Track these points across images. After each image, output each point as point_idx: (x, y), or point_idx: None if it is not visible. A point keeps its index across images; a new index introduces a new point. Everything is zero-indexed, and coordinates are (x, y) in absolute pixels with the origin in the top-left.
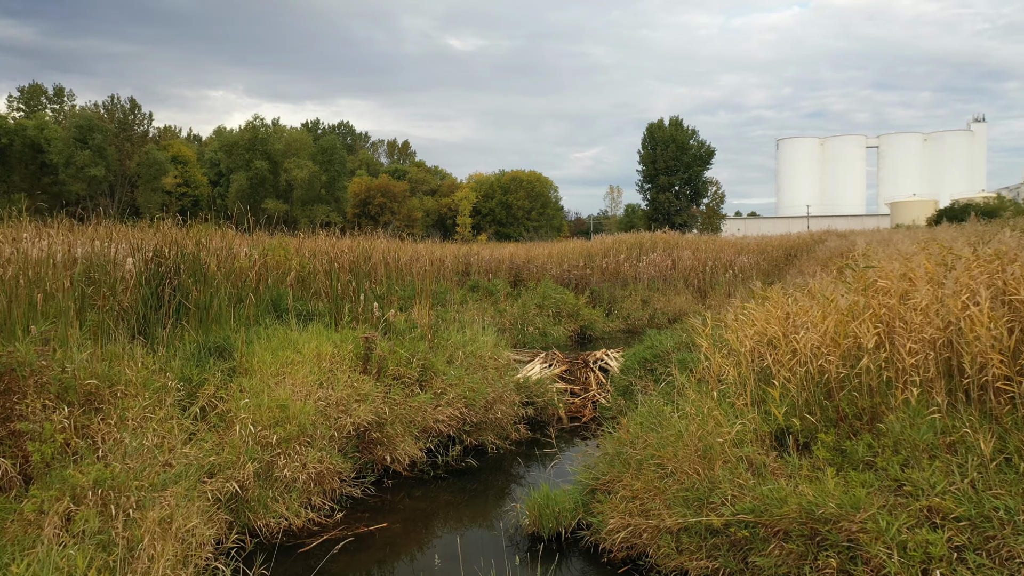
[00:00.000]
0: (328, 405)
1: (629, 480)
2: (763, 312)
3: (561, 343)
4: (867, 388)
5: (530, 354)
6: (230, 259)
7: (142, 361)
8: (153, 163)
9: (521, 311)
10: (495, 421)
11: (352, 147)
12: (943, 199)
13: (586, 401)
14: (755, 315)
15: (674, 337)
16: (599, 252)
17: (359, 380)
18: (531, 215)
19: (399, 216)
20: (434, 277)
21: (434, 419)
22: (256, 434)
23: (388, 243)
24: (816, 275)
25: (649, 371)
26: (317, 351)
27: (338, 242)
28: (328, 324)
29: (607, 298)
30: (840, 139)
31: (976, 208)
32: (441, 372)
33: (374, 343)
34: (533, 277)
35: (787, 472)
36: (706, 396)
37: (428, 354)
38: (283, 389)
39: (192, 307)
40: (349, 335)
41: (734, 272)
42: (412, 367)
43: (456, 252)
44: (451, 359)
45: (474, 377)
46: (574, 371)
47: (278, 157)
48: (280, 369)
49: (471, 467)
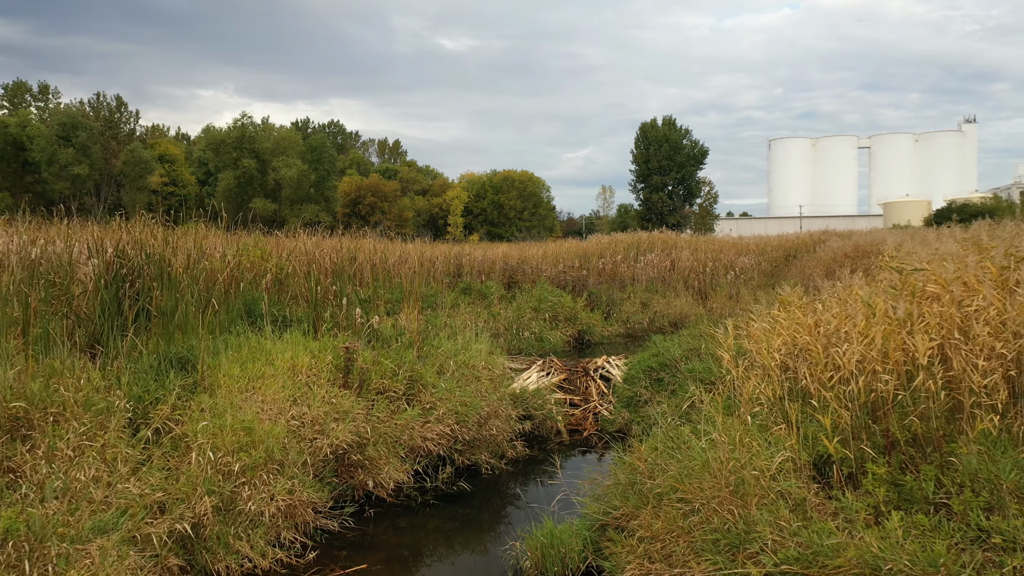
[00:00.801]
0: (302, 425)
1: (647, 518)
2: (789, 320)
3: (558, 348)
4: (924, 411)
5: (526, 361)
6: (201, 260)
7: (87, 377)
8: (139, 162)
9: (516, 315)
10: (490, 438)
11: (342, 146)
12: (936, 200)
13: (587, 413)
14: (781, 323)
15: (682, 344)
16: (595, 252)
17: (338, 395)
18: (523, 215)
19: (390, 216)
20: (424, 279)
21: (422, 437)
22: (216, 461)
23: (375, 243)
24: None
25: (655, 381)
26: (292, 363)
27: (321, 242)
28: (307, 332)
29: (605, 301)
30: (832, 139)
31: (973, 208)
32: (430, 384)
33: (356, 353)
34: (528, 279)
35: (836, 511)
36: (735, 418)
37: (416, 365)
38: (251, 407)
39: (155, 313)
40: (329, 344)
41: (735, 273)
42: (398, 380)
43: (447, 252)
44: (441, 369)
45: (466, 390)
46: (573, 380)
47: (266, 156)
48: (248, 384)
49: (463, 491)
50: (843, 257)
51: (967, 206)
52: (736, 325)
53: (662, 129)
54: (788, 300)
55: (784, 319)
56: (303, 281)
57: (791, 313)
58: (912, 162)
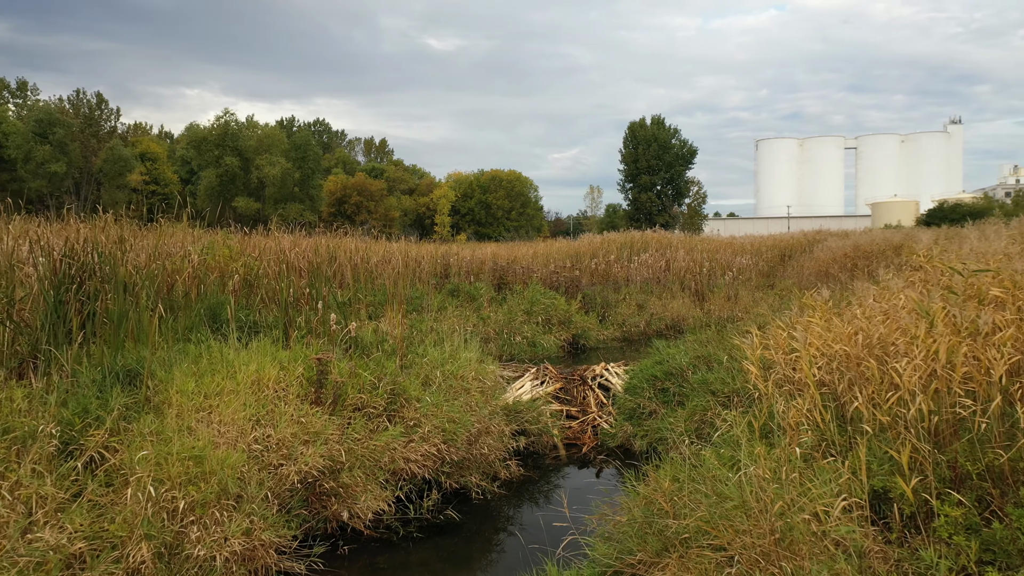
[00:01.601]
0: (266, 450)
1: (674, 568)
2: (824, 328)
3: (552, 354)
4: (1003, 437)
5: (519, 369)
6: (161, 260)
7: (7, 396)
8: (118, 159)
9: (507, 318)
10: (481, 458)
11: (328, 145)
12: (923, 200)
13: (585, 426)
14: (815, 332)
15: (688, 351)
16: (587, 252)
17: (309, 414)
18: (511, 215)
19: (376, 215)
20: (409, 280)
21: (405, 459)
22: (159, 497)
23: (357, 242)
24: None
25: (660, 391)
26: (257, 376)
27: (299, 240)
28: (277, 339)
29: (600, 303)
30: (819, 140)
31: (966, 208)
32: (414, 399)
33: (329, 365)
34: (519, 280)
35: (900, 563)
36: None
37: (399, 376)
38: (205, 430)
39: (106, 320)
40: (300, 353)
41: (734, 274)
42: (378, 394)
43: (434, 252)
44: (427, 381)
45: (455, 404)
46: (570, 389)
47: (249, 154)
48: (204, 402)
49: (452, 521)
50: (843, 257)
51: (960, 206)
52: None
53: (651, 128)
54: (814, 305)
55: (819, 327)
56: (275, 283)
57: (827, 321)
58: (898, 163)
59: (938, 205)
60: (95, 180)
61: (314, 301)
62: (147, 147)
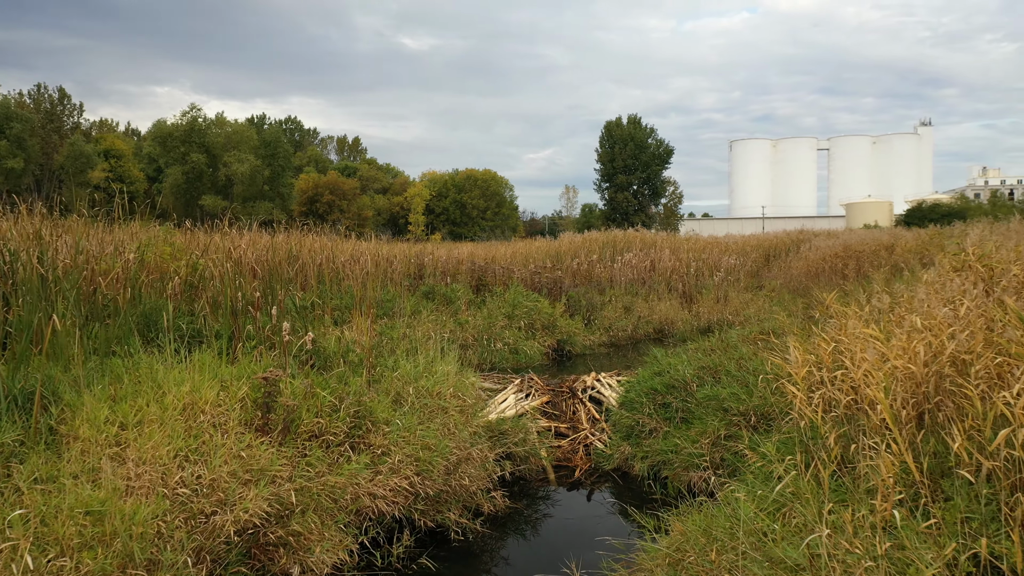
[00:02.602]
0: (195, 494)
1: None
2: (882, 339)
3: (536, 362)
4: None
5: (501, 380)
6: (87, 259)
7: None
8: (79, 156)
9: (487, 323)
10: (461, 490)
11: (300, 144)
12: (896, 201)
13: (576, 444)
14: (877, 347)
15: (692, 361)
16: (568, 252)
17: (253, 445)
18: (486, 215)
19: (348, 214)
20: (380, 281)
21: (371, 495)
22: (42, 569)
23: (322, 240)
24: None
25: (661, 406)
26: (190, 398)
27: (256, 238)
28: (223, 351)
29: (584, 305)
30: (792, 141)
31: (944, 208)
32: (383, 422)
33: (279, 384)
34: (499, 281)
35: None
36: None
37: (365, 394)
38: (117, 472)
39: (10, 330)
40: (247, 370)
41: (722, 275)
42: (340, 418)
43: (407, 252)
44: (398, 399)
45: (430, 427)
46: (558, 403)
47: (217, 151)
48: (119, 435)
49: (427, 569)
50: (833, 257)
51: (939, 206)
52: (761, 338)
53: (627, 128)
54: (844, 311)
55: (878, 340)
56: (222, 285)
57: (887, 332)
58: (869, 164)
59: (916, 205)
60: (57, 178)
61: (268, 306)
62: (112, 144)
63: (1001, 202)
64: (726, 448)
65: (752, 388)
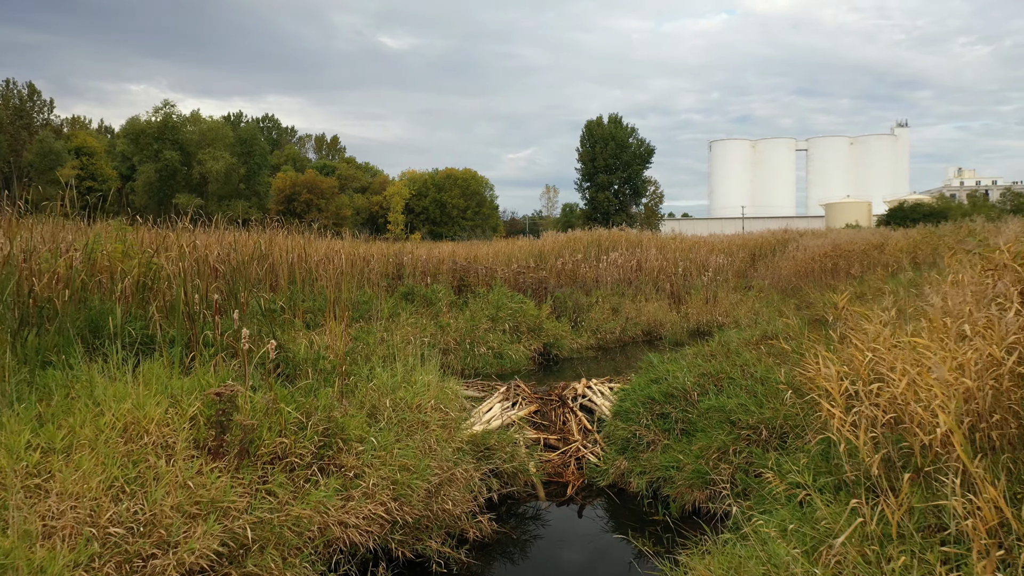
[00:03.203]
0: (132, 534)
1: None
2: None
3: (521, 367)
4: None
5: (485, 386)
6: (30, 258)
7: None
8: (48, 153)
9: (470, 326)
10: (443, 515)
11: (278, 142)
12: (875, 201)
13: (568, 458)
14: (918, 357)
15: (692, 368)
16: (552, 251)
17: (204, 472)
18: (466, 214)
19: (327, 213)
20: (356, 282)
21: (342, 524)
22: None
23: (294, 238)
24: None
25: (659, 417)
26: (132, 416)
27: (223, 236)
28: (178, 361)
29: (571, 307)
30: (771, 142)
31: (926, 208)
32: (356, 440)
33: (234, 400)
34: (481, 281)
35: None
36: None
37: (336, 409)
38: (35, 509)
39: None
40: (201, 382)
41: (711, 274)
42: (307, 436)
43: (385, 251)
44: (374, 413)
45: (409, 445)
46: (547, 412)
47: (191, 148)
48: (42, 463)
49: None
50: (823, 257)
51: (921, 206)
52: (751, 342)
53: (608, 127)
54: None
55: (936, 349)
56: (179, 286)
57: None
58: (847, 164)
59: (898, 205)
60: (26, 175)
61: (231, 309)
62: (83, 141)
63: (981, 202)
64: (735, 465)
65: (761, 399)
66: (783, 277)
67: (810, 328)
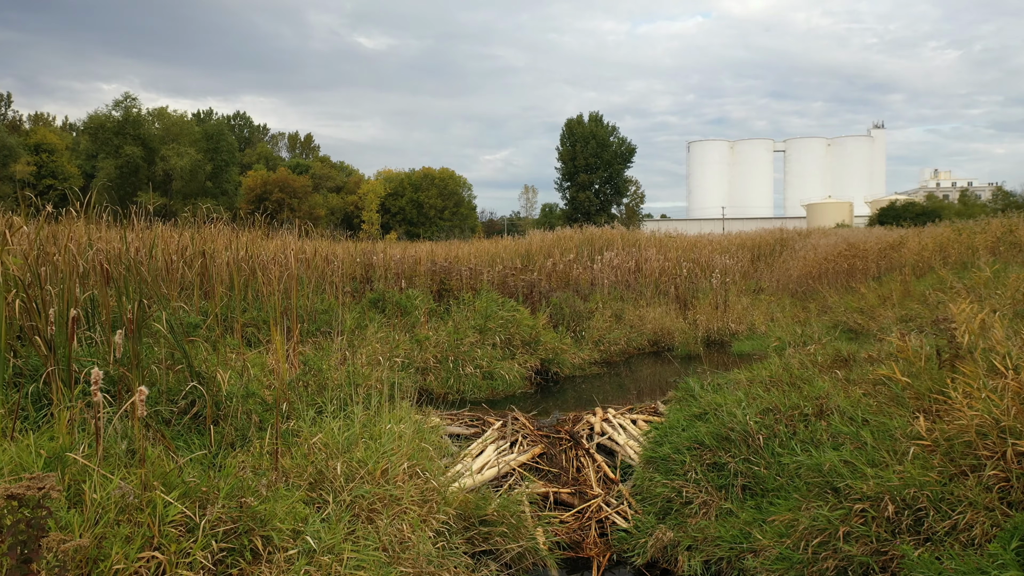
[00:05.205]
0: None
1: None
2: None
3: (516, 389)
4: None
5: (473, 419)
6: None
7: None
8: (1, 148)
9: (453, 339)
10: None
11: (250, 140)
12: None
13: (587, 521)
14: None
15: (753, 403)
16: (540, 251)
17: None
18: (444, 214)
19: (300, 213)
20: (313, 287)
21: None
22: None
23: (239, 236)
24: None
25: (712, 467)
26: None
27: (130, 232)
28: (7, 413)
29: (568, 314)
30: (749, 143)
31: (918, 208)
32: (286, 536)
33: (50, 507)
34: (466, 285)
35: None
36: None
37: (254, 484)
38: None
39: None
40: (33, 451)
41: (719, 276)
42: (199, 542)
43: (351, 250)
44: (317, 486)
45: (367, 540)
46: (556, 455)
47: (154, 143)
48: None
49: None
50: (837, 257)
51: (913, 205)
52: (820, 364)
53: (589, 126)
54: None
55: None
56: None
57: None
58: (824, 166)
59: (889, 205)
60: None
61: (122, 326)
62: (43, 137)
63: (973, 201)
64: (848, 556)
65: (874, 453)
66: (793, 279)
67: (936, 351)
